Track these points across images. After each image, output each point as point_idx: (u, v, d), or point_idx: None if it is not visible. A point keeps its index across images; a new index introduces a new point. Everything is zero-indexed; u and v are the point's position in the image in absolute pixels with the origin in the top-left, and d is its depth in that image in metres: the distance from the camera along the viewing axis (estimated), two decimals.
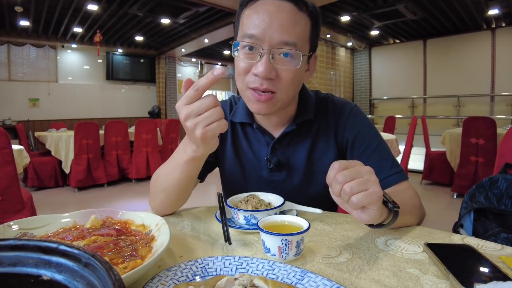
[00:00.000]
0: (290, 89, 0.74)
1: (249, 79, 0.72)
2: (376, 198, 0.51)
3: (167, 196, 0.75)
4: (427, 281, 0.47)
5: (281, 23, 0.68)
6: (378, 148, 0.82)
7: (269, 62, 0.69)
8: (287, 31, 0.68)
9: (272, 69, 0.70)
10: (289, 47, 0.69)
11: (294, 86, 0.75)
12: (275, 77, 0.71)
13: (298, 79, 0.74)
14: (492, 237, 0.83)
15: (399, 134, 4.13)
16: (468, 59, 7.16)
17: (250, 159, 0.89)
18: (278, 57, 0.70)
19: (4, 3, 5.15)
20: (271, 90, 0.71)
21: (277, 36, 0.68)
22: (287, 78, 0.71)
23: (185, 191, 0.76)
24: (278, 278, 0.47)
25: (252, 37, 0.69)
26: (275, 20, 0.68)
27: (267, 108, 0.74)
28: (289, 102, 0.80)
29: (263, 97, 0.72)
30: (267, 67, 0.68)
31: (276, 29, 0.68)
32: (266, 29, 0.68)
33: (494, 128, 3.40)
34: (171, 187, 0.73)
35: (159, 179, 0.76)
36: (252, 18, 0.70)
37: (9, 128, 5.85)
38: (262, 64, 0.68)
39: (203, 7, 5.60)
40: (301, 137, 0.86)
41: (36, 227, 0.59)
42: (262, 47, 0.69)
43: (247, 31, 0.70)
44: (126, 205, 3.82)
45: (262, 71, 0.68)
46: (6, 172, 1.81)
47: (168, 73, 9.20)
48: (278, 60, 0.70)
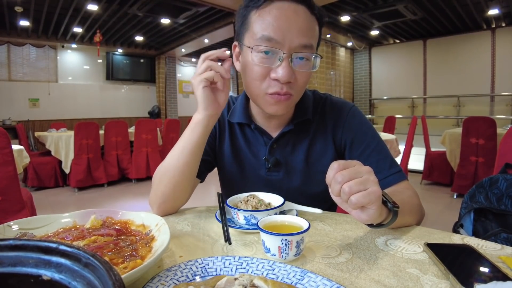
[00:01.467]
0: (302, 90, 0.78)
1: (268, 84, 0.72)
2: (375, 198, 0.51)
3: (171, 176, 0.75)
4: (427, 281, 0.47)
5: (299, 26, 0.69)
6: (377, 149, 0.82)
7: (289, 66, 0.69)
8: (305, 34, 0.70)
9: (293, 74, 0.71)
10: (308, 50, 0.71)
11: (305, 87, 0.78)
12: (294, 80, 0.72)
13: (309, 80, 0.77)
14: (492, 237, 0.83)
15: (399, 134, 4.13)
16: (468, 59, 7.16)
17: (248, 158, 0.89)
18: (295, 61, 0.71)
19: (4, 3, 5.15)
20: (290, 93, 0.73)
21: (297, 39, 0.69)
22: (303, 80, 0.73)
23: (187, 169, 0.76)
24: (278, 278, 0.47)
25: (271, 40, 0.69)
26: (294, 23, 0.68)
27: (285, 108, 0.76)
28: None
29: (283, 97, 0.73)
30: (288, 72, 0.69)
31: (295, 32, 0.69)
32: (285, 32, 0.68)
33: (494, 128, 3.40)
34: (176, 161, 0.75)
35: (164, 163, 0.78)
36: (268, 21, 0.69)
37: (9, 128, 5.86)
38: (284, 68, 0.69)
39: (203, 7, 5.60)
40: (299, 137, 0.86)
41: (36, 227, 0.59)
42: (282, 51, 0.69)
43: (264, 34, 0.69)
44: (126, 205, 3.82)
45: (284, 76, 0.69)
46: (6, 172, 1.81)
47: (168, 73, 9.20)
48: (297, 64, 0.71)
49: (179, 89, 9.57)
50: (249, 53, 0.72)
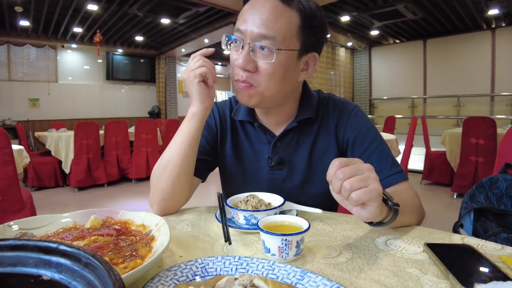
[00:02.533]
0: (271, 84, 0.74)
1: (234, 71, 0.76)
2: (376, 195, 0.52)
3: (170, 171, 0.76)
4: (427, 281, 0.47)
5: (261, 16, 0.70)
6: (379, 148, 0.82)
7: (247, 54, 0.72)
8: (266, 25, 0.70)
9: (250, 61, 0.72)
10: (267, 41, 0.71)
11: (277, 81, 0.74)
12: (254, 69, 0.73)
13: (280, 74, 0.74)
14: (492, 237, 0.83)
15: (399, 134, 4.13)
16: (468, 59, 7.16)
17: (250, 157, 0.89)
18: (257, 51, 0.73)
19: (4, 3, 5.15)
20: (249, 82, 0.74)
21: (256, 29, 0.71)
22: (265, 72, 0.73)
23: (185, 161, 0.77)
24: (278, 278, 0.47)
25: (238, 31, 0.74)
26: (257, 14, 0.71)
27: (245, 97, 0.77)
28: (278, 99, 0.79)
29: (242, 85, 0.75)
30: (244, 59, 0.72)
31: (256, 22, 0.71)
32: (248, 22, 0.72)
33: (494, 128, 3.40)
34: (173, 157, 0.77)
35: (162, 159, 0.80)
36: (242, 14, 0.74)
37: (9, 128, 5.85)
38: (241, 55, 0.72)
39: (203, 7, 5.60)
40: (302, 135, 0.86)
41: (36, 227, 0.59)
42: (244, 40, 0.72)
43: (237, 26, 0.74)
44: (126, 205, 3.82)
45: (240, 62, 0.72)
46: (6, 172, 1.81)
47: (168, 73, 9.20)
48: (257, 53, 0.73)
49: (179, 89, 9.57)
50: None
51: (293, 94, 0.83)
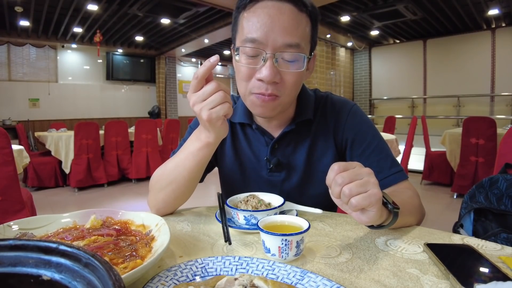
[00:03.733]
0: (292, 92, 0.74)
1: (253, 84, 0.71)
2: (375, 200, 0.51)
3: (173, 189, 0.75)
4: (427, 281, 0.47)
5: (283, 25, 0.67)
6: (378, 148, 0.82)
7: (273, 66, 0.68)
8: (290, 33, 0.67)
9: (277, 73, 0.69)
10: (293, 49, 0.68)
11: (297, 88, 0.75)
12: (280, 80, 0.70)
13: (300, 80, 0.74)
14: (492, 237, 0.83)
15: (399, 134, 4.13)
16: (468, 59, 7.16)
17: (249, 159, 0.89)
18: (281, 61, 0.69)
19: (4, 3, 5.15)
20: (275, 95, 0.71)
21: (280, 38, 0.67)
22: (291, 81, 0.71)
23: (192, 183, 0.76)
24: (278, 278, 0.47)
25: (254, 41, 0.68)
26: (277, 22, 0.66)
27: (271, 111, 0.74)
28: (291, 104, 0.80)
29: (267, 98, 0.71)
30: (272, 72, 0.67)
31: (278, 31, 0.67)
32: (268, 32, 0.67)
33: (494, 128, 3.40)
34: (180, 177, 0.73)
35: (166, 172, 0.76)
36: (252, 22, 0.68)
37: (9, 128, 5.86)
38: (267, 68, 0.67)
39: (203, 7, 5.60)
40: (300, 137, 0.86)
41: (36, 227, 0.59)
42: (266, 51, 0.67)
43: (248, 35, 0.68)
44: (126, 205, 3.82)
45: (268, 76, 0.67)
46: (6, 172, 1.81)
47: (168, 73, 9.20)
48: (282, 64, 0.69)
49: (179, 89, 9.56)
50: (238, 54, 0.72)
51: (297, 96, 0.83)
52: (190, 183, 0.76)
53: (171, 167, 0.76)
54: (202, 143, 0.69)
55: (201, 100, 0.62)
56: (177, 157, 0.75)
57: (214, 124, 0.64)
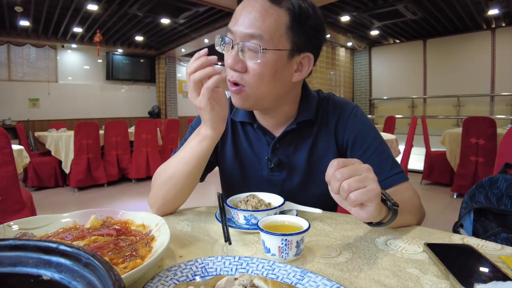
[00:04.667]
0: (260, 84, 0.73)
1: (227, 72, 0.75)
2: (374, 195, 0.52)
3: (173, 184, 0.76)
4: (427, 281, 0.47)
5: (249, 15, 0.69)
6: (379, 149, 0.82)
7: (236, 54, 0.71)
8: (253, 24, 0.69)
9: (239, 61, 0.71)
10: (254, 40, 0.69)
11: (266, 81, 0.73)
12: (243, 69, 0.72)
13: (269, 75, 0.72)
14: (492, 237, 0.83)
15: (399, 134, 4.13)
16: (468, 59, 7.16)
17: (250, 158, 0.89)
18: (245, 51, 0.71)
19: (4, 3, 5.15)
20: (238, 83, 0.73)
21: (243, 28, 0.70)
22: (254, 72, 0.72)
23: (191, 179, 0.77)
24: (278, 278, 0.47)
25: (229, 31, 0.73)
26: (245, 13, 0.70)
27: (239, 101, 0.76)
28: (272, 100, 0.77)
29: (233, 89, 0.74)
30: (233, 59, 0.71)
31: (243, 21, 0.70)
32: (237, 22, 0.71)
33: (494, 128, 3.40)
34: (179, 172, 0.75)
35: (167, 169, 0.78)
36: (234, 15, 0.73)
37: (9, 128, 5.85)
38: (230, 55, 0.72)
39: (203, 7, 5.60)
40: (302, 136, 0.86)
41: (36, 227, 0.59)
42: (233, 40, 0.72)
43: (229, 27, 0.73)
44: (126, 205, 3.82)
45: (230, 63, 0.71)
46: (6, 172, 1.81)
47: (168, 73, 9.20)
48: (246, 53, 0.71)
49: (179, 89, 9.56)
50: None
51: (289, 95, 0.81)
52: (190, 178, 0.76)
53: (172, 162, 0.78)
54: (201, 136, 0.73)
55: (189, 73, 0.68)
56: (179, 153, 0.78)
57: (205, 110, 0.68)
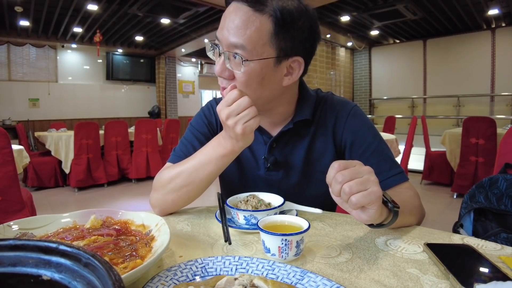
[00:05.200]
0: (248, 91, 0.71)
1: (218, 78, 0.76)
2: (375, 198, 0.51)
3: (188, 191, 0.76)
4: (427, 281, 0.47)
5: (232, 25, 0.68)
6: (378, 149, 0.82)
7: (223, 63, 0.72)
8: (235, 33, 0.68)
9: (225, 70, 0.72)
10: (237, 49, 0.69)
11: (253, 89, 0.72)
12: (230, 77, 0.73)
13: (255, 83, 0.71)
14: (492, 237, 0.83)
15: (399, 134, 4.13)
16: (468, 59, 7.16)
17: (247, 158, 0.89)
18: (231, 59, 0.71)
19: (4, 3, 5.14)
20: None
21: (227, 37, 0.69)
22: (240, 80, 0.72)
23: (207, 186, 0.78)
24: (278, 278, 0.47)
25: (216, 37, 0.73)
26: (230, 22, 0.69)
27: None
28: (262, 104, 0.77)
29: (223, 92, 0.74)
30: (219, 67, 0.72)
31: (227, 30, 0.69)
32: (222, 30, 0.71)
33: (494, 128, 3.40)
34: (198, 181, 0.75)
35: (184, 174, 0.76)
36: (222, 20, 0.73)
37: (9, 128, 5.85)
38: (218, 63, 0.73)
39: (203, 7, 5.60)
40: (299, 136, 0.86)
41: (36, 227, 0.59)
42: (220, 48, 0.72)
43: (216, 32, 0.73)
44: (126, 205, 3.82)
45: (217, 70, 0.73)
46: (6, 172, 1.81)
47: (168, 73, 9.20)
48: (231, 62, 0.71)
49: (179, 89, 9.56)
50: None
51: (283, 97, 0.80)
52: (206, 186, 0.78)
53: (189, 170, 0.76)
54: (227, 150, 0.72)
55: (235, 114, 0.66)
56: (195, 160, 0.76)
57: (248, 136, 0.69)
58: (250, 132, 0.67)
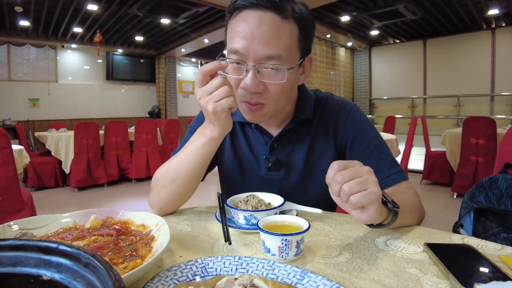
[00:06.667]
0: (280, 100, 0.73)
1: (240, 92, 0.72)
2: (375, 198, 0.51)
3: (178, 185, 0.75)
4: (427, 281, 0.47)
5: (263, 36, 0.66)
6: (378, 148, 0.82)
7: (255, 77, 0.68)
8: (269, 44, 0.66)
9: (259, 84, 0.69)
10: (274, 61, 0.67)
11: (285, 95, 0.74)
12: (263, 90, 0.71)
13: (288, 89, 0.73)
14: (492, 237, 0.83)
15: (399, 134, 4.13)
16: (468, 59, 7.16)
17: (248, 158, 0.89)
18: (264, 71, 0.69)
19: (4, 3, 5.15)
20: (261, 103, 0.72)
21: (260, 50, 0.66)
22: (275, 91, 0.71)
23: (195, 179, 0.77)
24: (278, 278, 0.47)
25: (237, 52, 0.68)
26: (258, 33, 0.66)
27: (260, 117, 0.75)
28: (283, 109, 0.80)
29: (253, 107, 0.73)
30: (253, 83, 0.68)
31: (259, 43, 0.66)
32: (248, 43, 0.66)
33: (494, 128, 3.40)
34: (185, 173, 0.74)
35: (171, 169, 0.77)
36: (235, 32, 0.68)
37: (9, 128, 5.85)
38: (249, 79, 0.68)
39: (203, 7, 5.60)
40: (299, 136, 0.86)
41: (36, 227, 0.59)
42: (247, 63, 0.68)
43: (231, 46, 0.69)
44: (126, 205, 3.82)
45: (250, 87, 0.69)
46: (6, 172, 1.81)
47: (168, 73, 9.20)
48: (265, 74, 0.69)
49: (179, 89, 9.56)
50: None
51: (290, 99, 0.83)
52: (194, 179, 0.76)
53: (175, 163, 0.76)
54: (207, 138, 0.71)
55: (207, 94, 0.65)
56: (181, 153, 0.76)
57: (219, 117, 0.66)
58: (221, 112, 0.65)
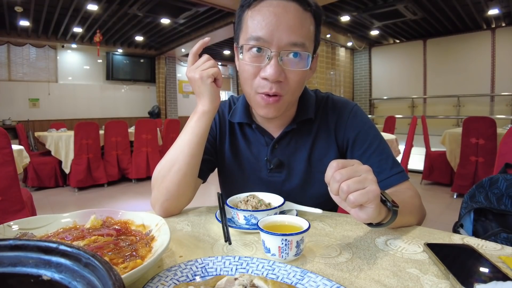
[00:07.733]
0: (296, 91, 0.74)
1: (258, 83, 0.71)
2: (373, 197, 0.51)
3: (176, 171, 0.75)
4: (427, 281, 0.47)
5: (288, 24, 0.67)
6: (379, 149, 0.82)
7: (278, 65, 0.68)
8: (295, 31, 0.67)
9: (282, 72, 0.69)
10: (298, 48, 0.68)
11: (300, 87, 0.75)
12: (284, 79, 0.70)
13: (304, 79, 0.75)
14: (492, 237, 0.83)
15: (399, 134, 4.13)
16: (468, 59, 7.16)
17: (249, 160, 0.88)
18: (286, 59, 0.69)
19: (4, 3, 5.15)
20: (279, 94, 0.71)
21: (286, 37, 0.67)
22: (295, 80, 0.71)
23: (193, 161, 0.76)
24: (278, 278, 0.47)
25: (259, 39, 0.68)
26: (283, 21, 0.67)
27: (275, 111, 0.74)
28: (294, 103, 0.80)
29: (271, 99, 0.72)
30: (277, 70, 0.68)
31: (284, 30, 0.67)
32: (273, 30, 0.67)
33: (494, 128, 3.40)
34: (181, 155, 0.75)
35: (168, 157, 0.78)
36: (257, 20, 0.68)
37: (9, 128, 5.86)
38: (272, 67, 0.68)
39: (203, 7, 5.60)
40: (301, 136, 0.85)
41: (36, 227, 0.59)
42: (271, 50, 0.68)
43: (253, 34, 0.69)
44: (126, 205, 3.82)
45: (273, 74, 0.68)
46: (6, 172, 1.81)
47: (168, 73, 9.20)
48: (287, 62, 0.70)
49: (179, 89, 9.56)
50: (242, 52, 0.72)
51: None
52: (192, 161, 0.76)
53: (172, 149, 0.78)
54: (199, 113, 0.75)
55: (195, 67, 0.74)
56: (177, 139, 0.79)
57: (205, 82, 0.72)
58: (207, 78, 0.72)
